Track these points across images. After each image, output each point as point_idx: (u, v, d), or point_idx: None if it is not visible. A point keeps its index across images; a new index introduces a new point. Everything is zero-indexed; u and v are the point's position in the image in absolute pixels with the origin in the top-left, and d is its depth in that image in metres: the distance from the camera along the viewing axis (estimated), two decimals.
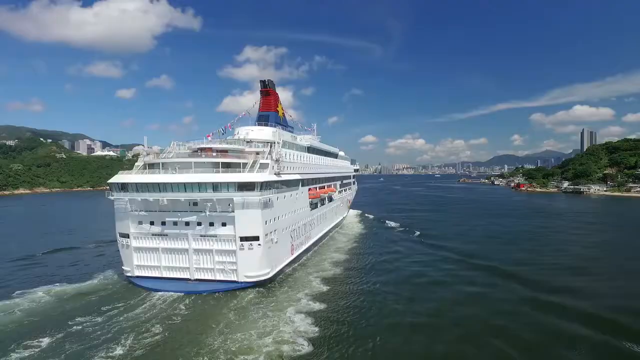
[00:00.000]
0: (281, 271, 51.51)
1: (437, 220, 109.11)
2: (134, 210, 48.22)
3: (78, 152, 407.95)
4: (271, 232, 48.57)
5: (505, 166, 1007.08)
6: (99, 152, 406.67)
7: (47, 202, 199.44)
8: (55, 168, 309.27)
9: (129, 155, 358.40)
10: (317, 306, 39.66)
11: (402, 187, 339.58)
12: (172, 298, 42.62)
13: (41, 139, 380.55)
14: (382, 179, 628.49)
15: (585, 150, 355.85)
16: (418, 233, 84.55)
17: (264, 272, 47.04)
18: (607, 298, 43.65)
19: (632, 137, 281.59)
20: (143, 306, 40.37)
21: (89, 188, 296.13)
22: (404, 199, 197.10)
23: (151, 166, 50.68)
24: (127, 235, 49.05)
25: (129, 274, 49.31)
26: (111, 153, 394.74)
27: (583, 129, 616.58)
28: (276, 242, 49.64)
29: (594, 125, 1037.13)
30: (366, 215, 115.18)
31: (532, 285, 48.27)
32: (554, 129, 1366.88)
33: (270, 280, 48.03)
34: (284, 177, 53.10)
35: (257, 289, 45.44)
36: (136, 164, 53.10)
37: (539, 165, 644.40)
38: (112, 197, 48.80)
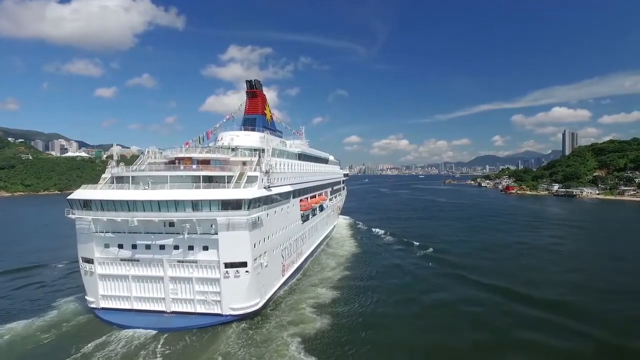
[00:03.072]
0: (271, 298, 45.36)
1: (437, 230, 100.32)
2: (99, 231, 41.15)
3: (49, 152, 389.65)
4: (261, 256, 42.41)
5: (487, 166, 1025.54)
6: (70, 153, 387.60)
7: (4, 208, 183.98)
8: (20, 170, 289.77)
9: (104, 156, 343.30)
10: None
11: (389, 189, 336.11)
12: (142, 339, 36.13)
13: (9, 139, 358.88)
14: (366, 179, 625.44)
15: (571, 151, 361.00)
16: (430, 250, 73.23)
17: (252, 303, 40.89)
18: None
19: (607, 138, 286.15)
20: (105, 350, 33.74)
21: (56, 192, 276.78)
22: (394, 204, 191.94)
23: (120, 180, 43.73)
24: (90, 261, 42.10)
25: (93, 305, 42.44)
26: (83, 154, 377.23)
27: (565, 130, 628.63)
28: (266, 265, 43.47)
29: (572, 126, 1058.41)
30: (357, 224, 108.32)
31: (603, 326, 39.05)
32: (533, 130, 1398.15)
33: (260, 311, 41.80)
34: (274, 191, 46.88)
35: (243, 323, 39.20)
36: (103, 175, 46.36)
37: (519, 165, 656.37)
38: (72, 216, 41.64)
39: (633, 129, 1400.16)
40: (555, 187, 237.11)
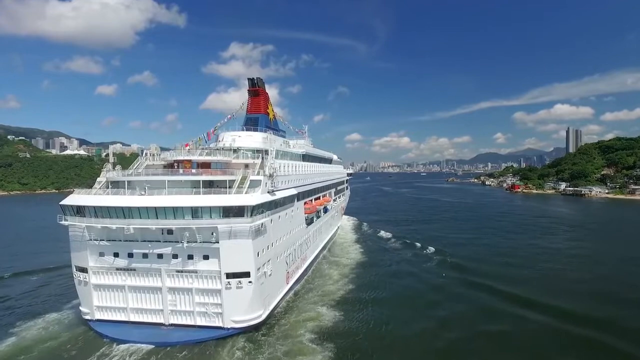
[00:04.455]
0: (275, 308, 43.11)
1: (447, 233, 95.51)
2: (94, 239, 38.80)
3: (48, 151, 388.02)
4: (264, 264, 40.09)
5: (489, 164, 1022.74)
6: (68, 151, 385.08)
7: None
8: (17, 168, 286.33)
9: (103, 154, 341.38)
10: None
11: (391, 188, 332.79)
12: (140, 354, 33.95)
13: (9, 137, 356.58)
14: (368, 177, 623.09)
15: (576, 149, 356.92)
16: (444, 256, 68.04)
17: (255, 315, 38.61)
18: None
19: (610, 135, 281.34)
20: None
21: (53, 190, 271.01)
22: (398, 204, 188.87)
23: (115, 184, 41.37)
24: (84, 270, 39.77)
25: (87, 317, 40.19)
26: (82, 152, 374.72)
27: (569, 128, 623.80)
28: (270, 274, 41.18)
29: (574, 123, 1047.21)
30: (362, 225, 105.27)
31: None
32: (535, 128, 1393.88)
33: (263, 323, 39.50)
34: (278, 195, 44.48)
35: (237, 351, 35.20)
36: (98, 179, 43.87)
37: (522, 163, 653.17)
38: (65, 223, 39.32)
39: (636, 126, 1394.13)
40: (563, 185, 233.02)
